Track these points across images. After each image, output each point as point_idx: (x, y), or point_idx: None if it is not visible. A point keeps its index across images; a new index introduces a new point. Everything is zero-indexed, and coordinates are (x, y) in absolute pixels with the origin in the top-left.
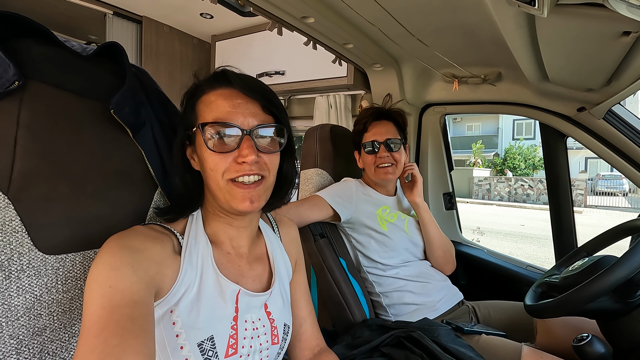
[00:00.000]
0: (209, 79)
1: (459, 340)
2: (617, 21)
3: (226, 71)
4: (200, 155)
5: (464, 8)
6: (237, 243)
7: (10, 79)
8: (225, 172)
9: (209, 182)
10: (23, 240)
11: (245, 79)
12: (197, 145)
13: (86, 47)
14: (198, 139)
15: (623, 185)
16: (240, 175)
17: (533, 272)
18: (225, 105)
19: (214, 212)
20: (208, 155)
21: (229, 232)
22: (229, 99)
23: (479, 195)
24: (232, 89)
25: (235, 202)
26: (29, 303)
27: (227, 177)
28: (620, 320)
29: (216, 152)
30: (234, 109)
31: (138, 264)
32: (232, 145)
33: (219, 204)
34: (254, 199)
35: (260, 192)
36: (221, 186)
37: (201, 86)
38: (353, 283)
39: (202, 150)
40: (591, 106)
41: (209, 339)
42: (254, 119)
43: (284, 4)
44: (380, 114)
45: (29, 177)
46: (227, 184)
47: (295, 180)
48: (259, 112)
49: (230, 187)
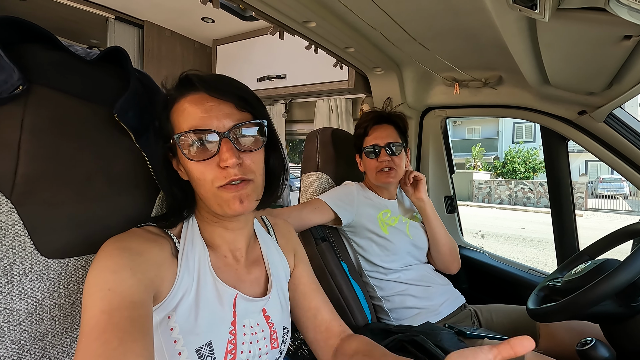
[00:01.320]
0: (176, 86)
1: (462, 345)
2: (618, 25)
3: (189, 75)
4: (184, 166)
5: (465, 12)
6: (234, 246)
7: (14, 83)
8: (214, 180)
9: (199, 190)
10: (26, 244)
11: (212, 81)
12: (180, 156)
13: (90, 52)
14: (178, 150)
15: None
16: (228, 182)
17: (535, 276)
18: (197, 111)
19: (208, 218)
20: (191, 165)
21: (226, 236)
22: (200, 104)
23: (480, 199)
24: (201, 93)
25: (227, 205)
26: (31, 307)
27: (216, 184)
28: (624, 324)
29: (197, 161)
30: (207, 113)
31: (137, 267)
32: (212, 150)
33: (212, 210)
34: (242, 198)
35: (249, 192)
36: (212, 194)
37: (171, 95)
38: (355, 287)
39: (184, 160)
40: (592, 109)
41: (207, 345)
42: (229, 120)
43: (286, 8)
44: (381, 117)
45: (33, 181)
46: (218, 190)
47: (285, 173)
48: (233, 112)
49: (221, 193)
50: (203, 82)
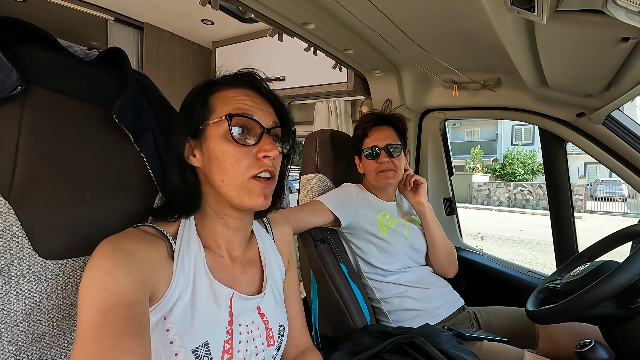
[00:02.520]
0: (231, 76)
1: (461, 347)
2: (616, 27)
3: (251, 72)
4: (213, 150)
5: (463, 14)
6: (231, 246)
7: (13, 84)
8: (248, 168)
9: (225, 177)
10: (23, 245)
11: (264, 84)
12: (209, 139)
13: (88, 53)
14: (209, 133)
15: (622, 190)
16: (261, 172)
17: (534, 278)
18: (246, 101)
19: (211, 213)
20: (229, 148)
21: (224, 234)
22: (249, 97)
23: (479, 201)
24: (252, 90)
25: (252, 197)
26: (29, 309)
27: (249, 173)
28: (622, 326)
29: (239, 145)
30: (256, 105)
31: (132, 266)
32: (251, 140)
33: (225, 201)
34: (267, 195)
35: (272, 190)
36: (239, 182)
37: (218, 83)
38: (354, 289)
39: (218, 144)
40: (590, 112)
41: (204, 345)
42: (271, 119)
43: (285, 10)
44: (380, 119)
45: (31, 182)
46: (248, 181)
47: (285, 185)
48: (273, 114)
49: (250, 184)
50: (260, 82)
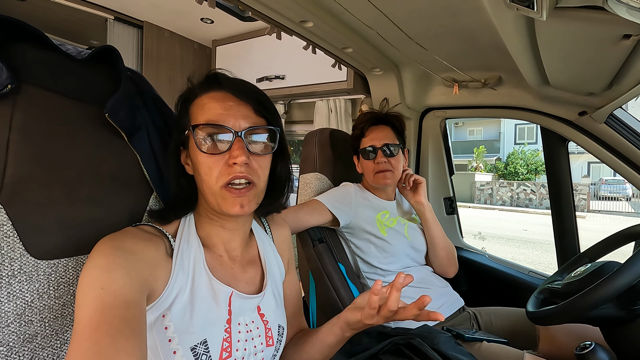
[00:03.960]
0: (202, 82)
1: (459, 348)
2: (618, 24)
3: (218, 74)
4: (193, 160)
5: (463, 12)
6: (230, 246)
7: (3, 82)
8: (218, 177)
9: (203, 186)
10: (15, 245)
11: (237, 82)
12: (190, 149)
13: (81, 51)
14: (191, 143)
15: (626, 190)
16: (232, 179)
17: (535, 278)
18: (217, 107)
19: (206, 215)
20: (201, 158)
21: (222, 235)
22: (221, 102)
23: (481, 200)
24: (224, 91)
25: (227, 206)
26: (20, 309)
27: (220, 183)
28: (624, 327)
29: (208, 154)
30: (226, 111)
31: (130, 266)
32: (223, 147)
33: (211, 207)
34: (244, 203)
35: (251, 197)
36: (214, 191)
37: (194, 89)
38: (352, 289)
39: (195, 153)
40: (592, 110)
41: (202, 343)
42: (245, 121)
43: (283, 8)
44: (377, 118)
45: (22, 181)
46: (220, 190)
47: (290, 183)
48: (250, 115)
49: (223, 192)
50: (228, 81)
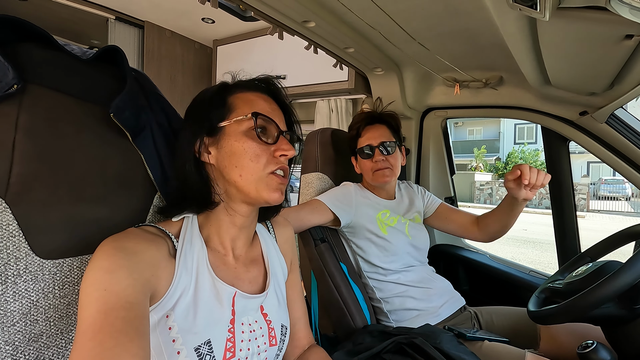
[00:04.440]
0: (251, 80)
1: (461, 347)
2: (620, 24)
3: (269, 79)
4: (232, 146)
5: (465, 12)
6: (235, 244)
7: (9, 82)
8: (267, 164)
9: (241, 172)
10: (20, 244)
11: (282, 92)
12: (229, 136)
13: (86, 51)
14: (231, 130)
15: (626, 189)
16: (278, 168)
17: (536, 278)
18: (265, 105)
19: (219, 210)
20: (250, 145)
21: (230, 232)
22: (267, 102)
23: (481, 200)
24: (269, 95)
25: (269, 192)
26: (26, 308)
27: (268, 169)
28: (625, 326)
29: (259, 143)
30: (273, 111)
31: (133, 267)
32: (270, 140)
33: (239, 196)
34: (282, 191)
35: (285, 188)
36: (258, 177)
37: (236, 85)
38: (354, 288)
39: (239, 140)
40: (594, 110)
41: (206, 343)
42: (283, 124)
43: (285, 8)
44: (372, 118)
45: (28, 181)
46: (267, 176)
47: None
48: (283, 121)
49: (270, 178)
50: (276, 88)
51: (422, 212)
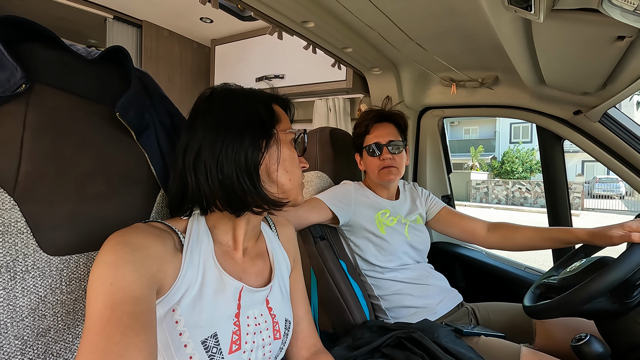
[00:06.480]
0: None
1: (459, 341)
2: (612, 26)
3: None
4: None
5: (462, 13)
6: (242, 239)
7: (17, 82)
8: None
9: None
10: (28, 241)
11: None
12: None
13: (91, 51)
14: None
15: (619, 188)
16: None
17: (531, 274)
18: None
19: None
20: (294, 154)
21: (240, 230)
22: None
23: (477, 199)
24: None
25: (298, 191)
26: (34, 304)
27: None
28: (617, 320)
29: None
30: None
31: (139, 261)
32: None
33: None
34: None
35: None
36: (299, 181)
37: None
38: (353, 285)
39: (288, 149)
40: (587, 109)
41: (213, 336)
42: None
43: (285, 8)
44: (381, 116)
45: (35, 179)
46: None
47: None
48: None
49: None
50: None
51: (424, 215)
